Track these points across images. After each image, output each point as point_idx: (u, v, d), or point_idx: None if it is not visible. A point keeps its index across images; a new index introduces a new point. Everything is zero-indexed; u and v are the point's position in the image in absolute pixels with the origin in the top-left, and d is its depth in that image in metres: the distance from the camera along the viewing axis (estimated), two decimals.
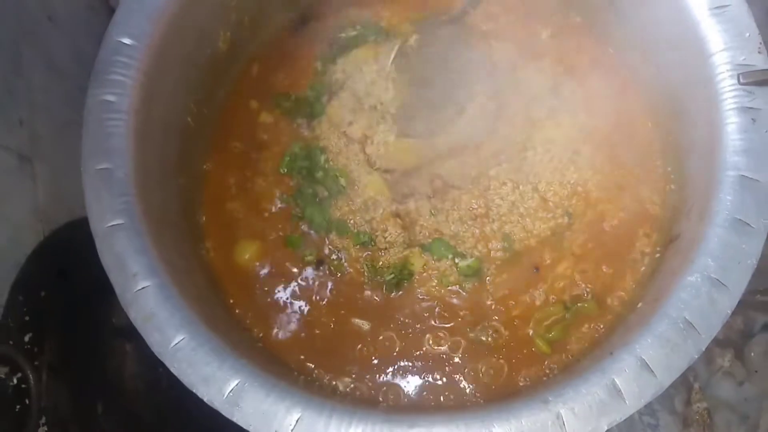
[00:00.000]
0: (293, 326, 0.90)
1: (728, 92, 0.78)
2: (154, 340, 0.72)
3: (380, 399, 0.85)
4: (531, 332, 0.87)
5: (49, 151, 0.97)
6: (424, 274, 0.91)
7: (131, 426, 0.96)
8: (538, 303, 0.88)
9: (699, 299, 0.71)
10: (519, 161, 0.95)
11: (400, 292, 0.90)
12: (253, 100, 1.03)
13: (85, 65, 1.12)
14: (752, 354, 1.16)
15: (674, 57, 0.86)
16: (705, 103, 0.80)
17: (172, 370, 0.71)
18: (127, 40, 0.83)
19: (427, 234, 0.92)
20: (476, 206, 0.93)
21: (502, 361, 0.86)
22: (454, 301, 0.90)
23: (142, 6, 0.84)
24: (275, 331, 0.90)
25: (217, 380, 0.70)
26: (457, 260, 0.90)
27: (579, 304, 0.87)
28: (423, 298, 0.90)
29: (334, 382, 0.86)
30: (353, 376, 0.86)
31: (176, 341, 0.72)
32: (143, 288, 0.74)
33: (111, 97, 0.80)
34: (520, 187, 0.93)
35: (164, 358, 0.71)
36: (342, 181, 0.95)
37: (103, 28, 1.21)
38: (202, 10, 0.91)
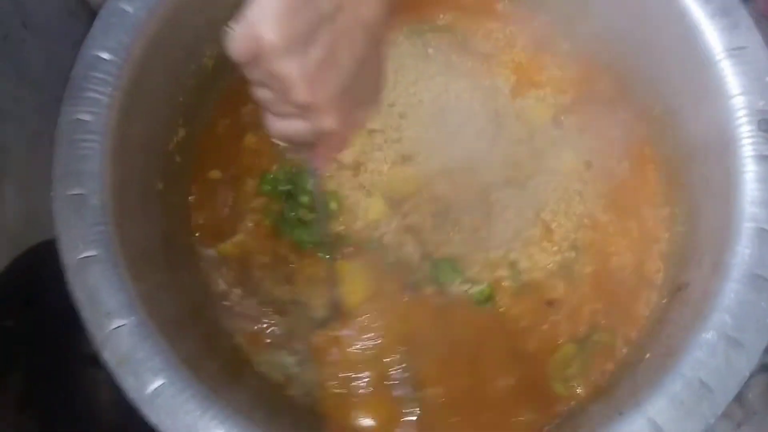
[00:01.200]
0: None
1: (746, 138, 0.74)
2: (129, 385, 0.66)
3: None
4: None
5: (19, 167, 0.90)
6: None
7: None
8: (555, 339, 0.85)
9: (715, 359, 0.67)
10: (521, 188, 0.91)
11: None
12: (238, 121, 0.96)
13: (62, 75, 1.05)
14: (750, 395, 1.13)
15: (688, 98, 0.82)
16: (720, 148, 0.76)
17: (149, 419, 0.65)
18: (105, 55, 0.77)
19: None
20: (480, 228, 0.89)
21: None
22: None
23: (123, 19, 0.78)
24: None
25: (199, 430, 0.65)
26: (466, 287, 0.86)
27: (593, 339, 0.84)
28: None
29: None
30: None
31: (154, 386, 0.66)
32: (118, 327, 0.68)
33: (86, 116, 0.74)
34: (523, 213, 0.89)
35: (140, 405, 0.66)
36: (333, 204, 0.90)
37: (83, 37, 1.15)
38: (189, 24, 0.85)
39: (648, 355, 0.76)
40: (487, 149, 0.93)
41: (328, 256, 0.88)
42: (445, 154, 0.93)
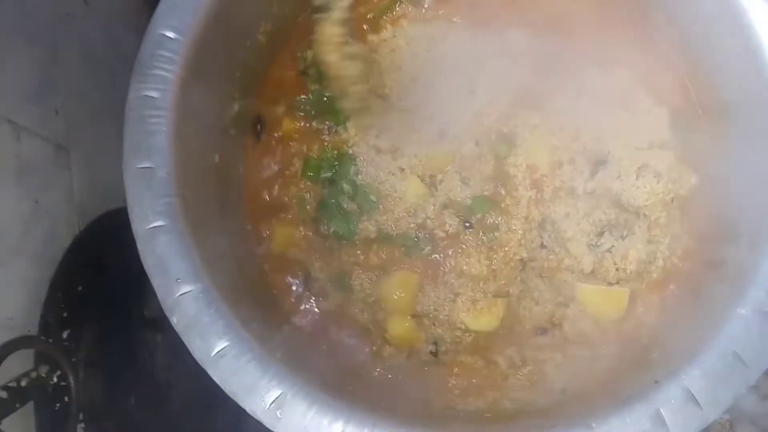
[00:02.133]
0: None
1: None
2: (196, 347, 0.72)
3: None
4: None
5: (83, 140, 0.95)
6: None
7: (161, 416, 0.96)
8: None
9: (749, 333, 0.70)
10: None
11: None
12: (282, 101, 0.99)
13: (117, 50, 1.10)
14: None
15: (739, 92, 0.83)
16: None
17: (214, 378, 0.71)
18: (170, 34, 0.80)
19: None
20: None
21: None
22: None
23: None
24: None
25: (259, 390, 0.70)
26: None
27: None
28: None
29: None
30: None
31: (218, 349, 0.71)
32: (185, 293, 0.73)
33: (153, 93, 0.78)
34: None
35: (206, 366, 0.71)
36: (372, 197, 0.93)
37: (136, 12, 1.19)
38: (245, 2, 0.88)
39: (683, 327, 0.79)
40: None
41: None
42: (474, 120, 0.94)
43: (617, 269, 0.87)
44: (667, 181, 0.87)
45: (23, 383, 0.72)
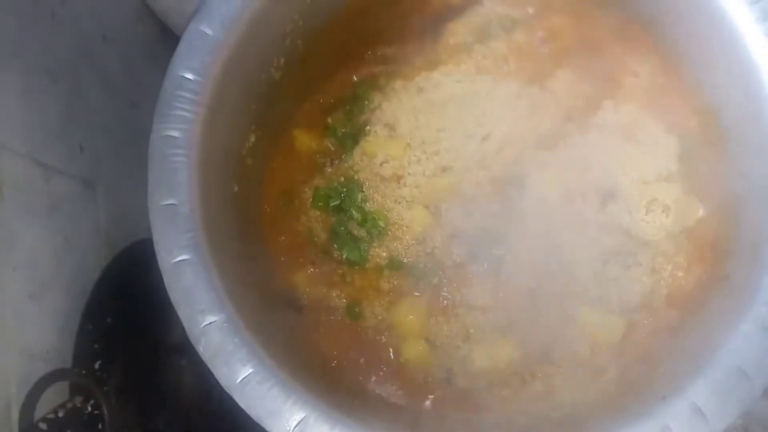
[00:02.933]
0: None
1: None
2: (222, 374, 0.75)
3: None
4: None
5: (108, 173, 0.99)
6: None
7: None
8: None
9: (753, 348, 0.73)
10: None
11: None
12: (301, 130, 1.04)
13: (137, 81, 1.15)
14: None
15: (730, 96, 0.86)
16: (761, 143, 0.81)
17: (240, 403, 0.74)
18: (189, 75, 0.84)
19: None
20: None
21: None
22: None
23: (204, 41, 0.85)
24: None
25: (284, 414, 0.74)
26: None
27: None
28: None
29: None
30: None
31: (243, 376, 0.75)
32: (210, 323, 0.77)
33: (175, 133, 0.82)
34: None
35: (232, 392, 0.75)
36: (381, 223, 0.96)
37: (152, 40, 1.24)
38: (260, 39, 0.91)
39: (687, 343, 0.82)
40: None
41: None
42: (481, 160, 0.97)
43: (621, 300, 0.90)
44: (675, 213, 0.90)
45: (60, 414, 0.76)
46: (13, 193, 0.78)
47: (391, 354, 0.94)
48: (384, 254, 0.96)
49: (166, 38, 1.25)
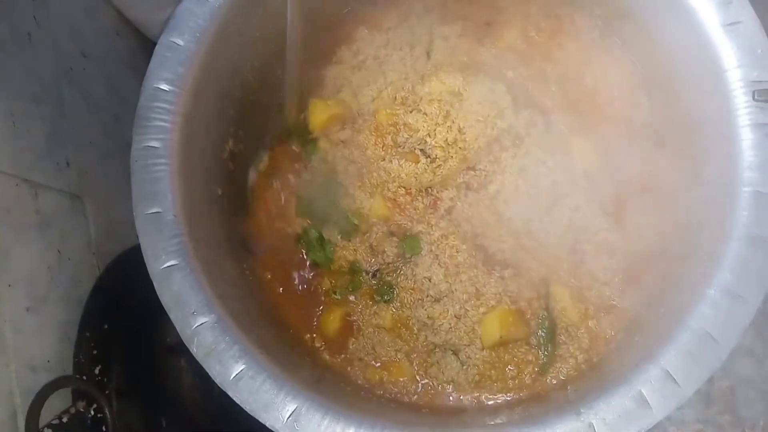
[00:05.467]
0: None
1: (742, 108, 0.81)
2: (216, 372, 0.79)
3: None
4: None
5: (95, 186, 1.02)
6: None
7: None
8: None
9: (719, 312, 0.76)
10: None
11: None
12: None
13: (118, 95, 1.17)
14: None
15: (688, 71, 0.89)
16: (720, 118, 0.83)
17: (235, 399, 0.78)
18: (164, 86, 0.87)
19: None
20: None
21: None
22: None
23: (176, 52, 0.88)
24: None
25: (276, 406, 0.77)
26: None
27: None
28: None
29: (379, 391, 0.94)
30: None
31: (236, 372, 0.79)
32: (202, 324, 0.80)
33: (155, 143, 0.85)
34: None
35: (227, 389, 0.78)
36: (354, 219, 1.00)
37: (131, 54, 1.26)
38: (232, 46, 0.94)
39: (663, 309, 0.85)
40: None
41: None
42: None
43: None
44: None
45: (65, 419, 0.80)
46: (2, 213, 0.81)
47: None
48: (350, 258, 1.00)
49: (147, 50, 1.25)
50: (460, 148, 0.97)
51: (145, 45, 1.28)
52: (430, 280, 0.96)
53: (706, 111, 0.86)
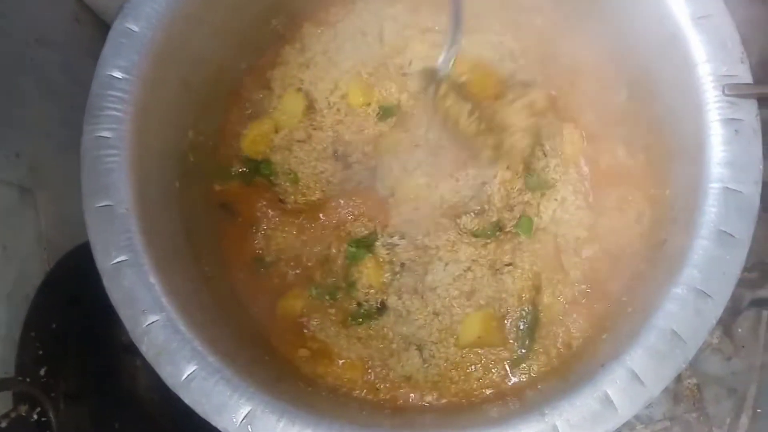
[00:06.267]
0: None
1: (713, 103, 0.79)
2: (167, 373, 0.76)
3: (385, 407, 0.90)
4: None
5: (49, 178, 0.98)
6: None
7: None
8: None
9: (685, 311, 0.74)
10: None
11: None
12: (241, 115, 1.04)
13: (77, 83, 1.12)
14: (740, 330, 1.20)
15: (659, 64, 0.87)
16: (690, 113, 0.81)
17: (186, 401, 0.75)
18: (117, 74, 0.84)
19: None
20: None
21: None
22: None
23: (131, 38, 0.84)
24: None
25: (230, 409, 0.74)
26: None
27: None
28: None
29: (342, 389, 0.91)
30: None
31: (188, 373, 0.75)
32: (152, 322, 0.77)
33: (106, 133, 0.82)
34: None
35: (178, 390, 0.75)
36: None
37: (92, 41, 1.22)
38: (193, 35, 0.91)
39: (630, 310, 0.83)
40: None
41: None
42: None
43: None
44: None
45: (3, 424, 0.76)
46: None
47: None
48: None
49: (105, 38, 1.23)
50: None
51: (107, 32, 1.24)
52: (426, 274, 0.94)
53: (676, 105, 0.84)
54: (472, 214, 0.96)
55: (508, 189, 0.96)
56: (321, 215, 0.98)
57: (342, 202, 0.98)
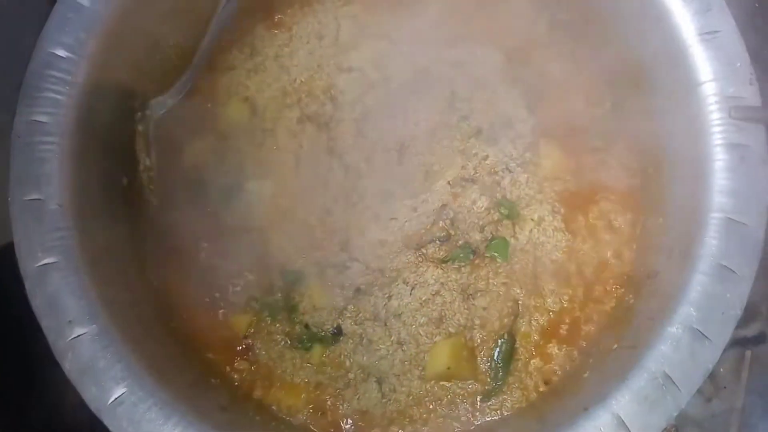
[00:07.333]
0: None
1: (717, 126, 0.73)
2: (90, 395, 0.66)
3: None
4: None
5: None
6: None
7: None
8: None
9: (680, 352, 0.67)
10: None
11: None
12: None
13: (22, 59, 1.03)
14: (721, 370, 1.14)
15: (662, 82, 0.80)
16: (691, 135, 0.75)
17: (111, 428, 0.65)
18: (61, 52, 0.75)
19: None
20: None
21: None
22: None
23: (79, 14, 0.76)
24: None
25: None
26: None
27: None
28: None
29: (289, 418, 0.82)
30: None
31: (116, 396, 0.66)
32: (79, 335, 0.67)
33: (43, 118, 0.73)
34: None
35: (102, 416, 0.66)
36: None
37: (42, 16, 1.12)
38: (150, 15, 0.82)
39: (616, 347, 0.76)
40: None
41: None
42: None
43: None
44: None
45: None
46: None
47: None
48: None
49: None
50: None
51: None
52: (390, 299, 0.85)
53: (676, 126, 0.78)
54: (437, 242, 0.87)
55: (470, 208, 0.88)
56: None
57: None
